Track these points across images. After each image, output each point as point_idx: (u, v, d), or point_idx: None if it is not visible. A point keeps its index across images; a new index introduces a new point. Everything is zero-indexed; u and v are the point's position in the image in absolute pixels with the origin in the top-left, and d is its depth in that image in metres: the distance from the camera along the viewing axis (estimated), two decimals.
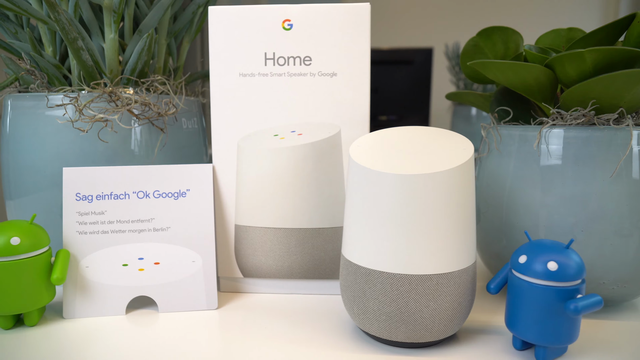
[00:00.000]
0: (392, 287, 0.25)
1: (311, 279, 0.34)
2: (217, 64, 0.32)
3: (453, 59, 1.42)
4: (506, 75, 0.29)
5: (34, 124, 0.33)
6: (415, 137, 0.28)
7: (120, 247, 0.31)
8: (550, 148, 0.29)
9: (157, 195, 0.32)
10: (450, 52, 1.43)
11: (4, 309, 0.28)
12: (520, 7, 2.13)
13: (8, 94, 0.36)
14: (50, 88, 0.34)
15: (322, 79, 0.31)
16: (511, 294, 0.25)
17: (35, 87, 0.33)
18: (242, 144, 0.32)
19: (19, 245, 0.27)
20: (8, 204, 0.36)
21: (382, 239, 0.25)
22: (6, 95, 0.35)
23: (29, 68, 0.33)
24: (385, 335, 0.26)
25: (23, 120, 0.33)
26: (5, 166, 0.35)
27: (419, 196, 0.24)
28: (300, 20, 0.31)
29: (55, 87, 0.34)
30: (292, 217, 0.33)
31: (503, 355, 0.25)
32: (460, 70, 1.40)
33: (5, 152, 0.35)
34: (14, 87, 0.37)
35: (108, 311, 0.30)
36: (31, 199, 0.34)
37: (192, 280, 0.31)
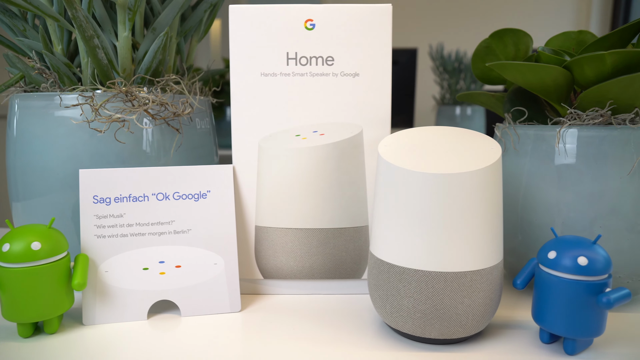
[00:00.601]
0: (428, 285, 0.25)
1: (332, 279, 0.34)
2: (238, 64, 0.31)
3: (437, 59, 1.44)
4: (525, 76, 0.30)
5: (45, 125, 0.32)
6: (440, 136, 0.28)
7: (140, 250, 0.30)
8: (568, 147, 0.30)
9: (177, 196, 0.31)
10: (434, 53, 1.45)
11: (24, 316, 0.27)
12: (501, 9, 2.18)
13: (13, 93, 0.35)
14: (62, 87, 0.33)
15: (345, 79, 0.31)
16: (539, 288, 0.26)
17: (48, 86, 0.32)
18: (263, 144, 0.32)
19: (39, 250, 0.26)
20: (14, 206, 0.35)
21: (416, 238, 0.25)
22: (12, 95, 0.34)
23: (39, 66, 0.32)
24: (419, 333, 0.26)
25: (33, 120, 0.32)
26: (12, 167, 0.34)
27: (453, 195, 0.24)
28: (322, 20, 0.31)
29: (66, 86, 0.33)
30: (313, 218, 0.33)
31: (531, 349, 0.26)
32: (445, 70, 1.43)
33: (11, 153, 0.34)
34: (19, 87, 0.36)
35: (129, 317, 0.30)
36: (40, 201, 0.33)
37: (215, 283, 0.31)
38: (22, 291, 0.26)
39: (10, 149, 0.34)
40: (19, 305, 0.26)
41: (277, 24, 0.31)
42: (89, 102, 0.30)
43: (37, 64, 0.33)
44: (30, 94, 0.33)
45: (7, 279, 0.26)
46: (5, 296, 0.26)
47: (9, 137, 0.35)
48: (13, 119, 0.34)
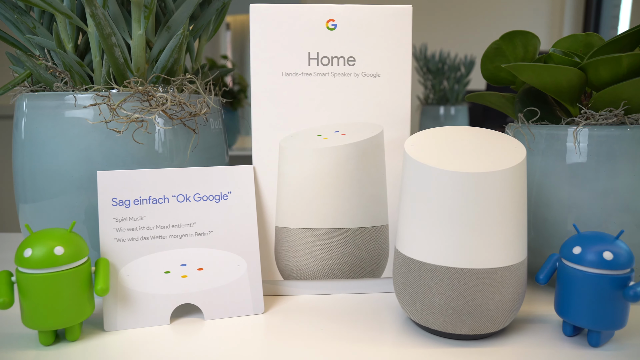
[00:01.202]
0: (460, 282, 0.25)
1: (352, 279, 0.34)
2: (259, 63, 0.31)
3: (421, 59, 1.46)
4: (541, 77, 0.31)
5: (58, 125, 0.31)
6: (464, 136, 0.29)
7: (161, 253, 0.30)
8: (581, 146, 0.31)
9: (198, 198, 0.31)
10: (417, 53, 1.47)
11: (46, 324, 0.26)
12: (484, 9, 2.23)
13: (20, 93, 0.33)
14: (76, 87, 0.32)
15: (366, 79, 0.31)
16: (563, 283, 0.27)
17: (61, 85, 0.31)
18: (284, 144, 0.32)
19: (62, 255, 0.25)
20: (22, 208, 0.34)
21: (448, 236, 0.25)
22: (20, 95, 0.33)
23: (50, 65, 0.31)
24: (449, 329, 0.26)
25: (44, 121, 0.31)
26: (20, 169, 0.33)
27: (485, 193, 0.25)
28: (344, 20, 0.31)
29: (79, 85, 0.32)
30: (334, 218, 0.33)
31: (555, 342, 0.27)
32: (428, 71, 1.45)
33: (19, 154, 0.33)
34: (24, 86, 0.34)
35: (151, 321, 0.29)
36: (50, 203, 0.32)
37: (238, 285, 0.31)
38: (44, 298, 0.25)
39: (18, 150, 0.33)
40: (40, 312, 0.25)
41: (299, 24, 0.31)
42: (106, 101, 0.30)
43: (49, 62, 0.31)
44: (40, 93, 0.32)
45: (28, 285, 0.25)
46: (27, 303, 0.25)
47: (16, 138, 0.33)
48: (21, 120, 0.33)
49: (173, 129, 0.33)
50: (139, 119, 0.30)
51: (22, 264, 0.25)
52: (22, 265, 0.25)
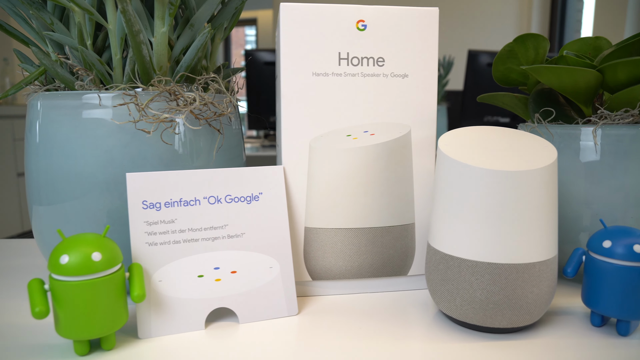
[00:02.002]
0: (501, 277, 0.26)
1: (379, 277, 0.34)
2: (289, 63, 0.31)
3: None
4: (561, 78, 0.32)
5: (79, 126, 0.29)
6: (493, 136, 0.30)
7: (194, 257, 0.29)
8: (599, 144, 0.32)
9: (229, 199, 0.30)
10: None
11: (83, 333, 0.24)
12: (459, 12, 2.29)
13: (32, 93, 0.32)
14: (100, 86, 0.30)
15: (394, 80, 0.32)
16: (592, 275, 0.28)
17: (85, 84, 0.30)
18: (314, 145, 0.32)
19: (99, 261, 0.24)
20: (35, 210, 0.32)
21: (489, 232, 0.26)
22: (34, 95, 0.31)
23: (71, 63, 0.30)
24: (489, 323, 0.27)
25: (64, 121, 0.30)
26: (34, 171, 0.31)
27: (524, 190, 0.25)
28: (374, 21, 0.31)
29: (102, 84, 0.31)
30: (363, 217, 0.33)
31: (585, 332, 0.28)
32: None
33: (33, 155, 0.31)
34: (36, 86, 0.33)
35: (186, 327, 0.28)
36: (72, 205, 0.30)
37: (271, 287, 0.30)
38: (81, 306, 0.24)
39: (32, 151, 0.31)
40: (77, 321, 0.24)
41: (329, 24, 0.31)
42: (134, 101, 0.29)
43: (69, 60, 0.30)
44: (58, 92, 0.30)
45: (64, 293, 0.24)
46: (62, 312, 0.24)
47: (29, 140, 0.32)
48: (35, 121, 0.31)
49: (194, 130, 0.32)
50: (168, 119, 0.29)
51: (58, 271, 0.24)
52: (58, 273, 0.24)
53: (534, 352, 0.26)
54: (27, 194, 0.33)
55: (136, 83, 0.30)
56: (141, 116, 0.29)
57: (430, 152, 0.33)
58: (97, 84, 0.31)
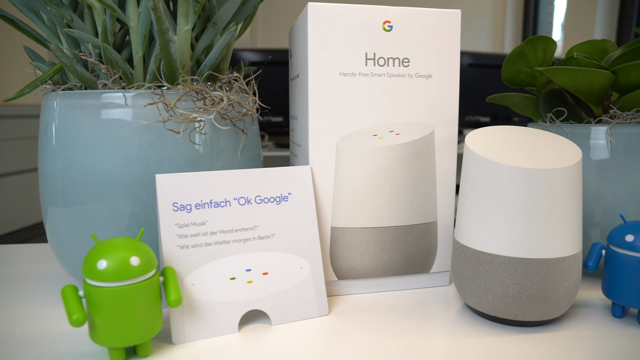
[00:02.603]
0: (533, 272, 0.27)
1: (402, 275, 0.34)
2: (317, 63, 0.31)
3: None
4: (576, 79, 0.33)
5: (106, 126, 0.28)
6: (516, 135, 0.30)
7: (225, 259, 0.29)
8: (606, 143, 0.34)
9: (259, 200, 0.30)
10: None
11: (121, 340, 0.24)
12: None
13: (50, 92, 0.30)
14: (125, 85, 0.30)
15: (419, 80, 0.32)
16: (613, 268, 0.29)
17: (110, 83, 0.29)
18: (341, 145, 0.32)
19: (138, 266, 0.24)
20: (51, 211, 0.31)
21: (522, 229, 0.27)
22: (48, 95, 0.30)
23: (93, 61, 0.29)
24: (520, 317, 0.28)
25: (85, 121, 0.29)
26: (50, 172, 0.30)
27: (555, 188, 0.26)
28: (400, 22, 0.31)
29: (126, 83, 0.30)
30: (388, 216, 0.33)
31: (607, 322, 0.29)
32: None
33: (48, 156, 0.30)
34: (49, 85, 0.32)
35: (220, 331, 0.28)
36: (91, 208, 0.30)
37: (302, 288, 0.30)
38: (119, 313, 0.23)
39: (47, 152, 0.30)
40: (115, 328, 0.23)
41: (356, 24, 0.31)
42: (162, 100, 0.28)
43: (92, 57, 0.29)
44: (78, 92, 0.29)
45: (102, 300, 0.23)
46: (99, 319, 0.23)
47: (45, 140, 0.30)
48: (51, 122, 0.30)
49: (215, 130, 0.32)
50: (197, 119, 0.29)
51: (95, 276, 0.23)
52: (95, 278, 0.23)
53: (563, 343, 0.27)
54: (42, 195, 0.32)
55: (162, 82, 0.29)
56: (169, 116, 0.28)
57: (451, 151, 0.34)
58: (118, 83, 0.30)
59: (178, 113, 0.28)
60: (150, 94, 0.28)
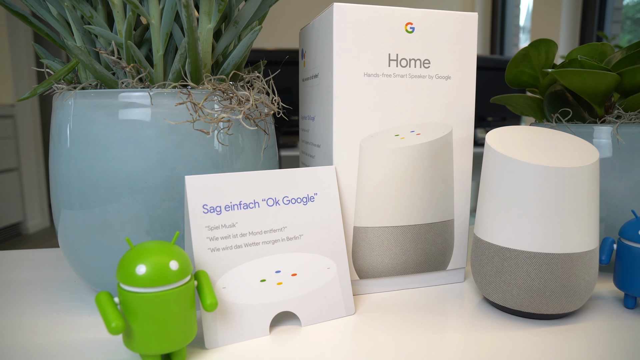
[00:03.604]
0: (557, 266, 0.28)
1: (421, 273, 0.35)
2: (342, 63, 0.31)
3: None
4: (584, 81, 0.35)
5: (130, 126, 0.27)
6: (534, 135, 0.32)
7: (255, 261, 0.28)
8: (612, 141, 0.36)
9: (287, 201, 0.30)
10: None
11: (160, 347, 0.23)
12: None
13: (66, 91, 0.29)
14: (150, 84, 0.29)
15: (438, 81, 0.33)
16: (626, 261, 0.31)
17: (134, 82, 0.28)
18: (365, 145, 0.32)
19: (177, 270, 0.23)
20: (65, 214, 0.29)
21: (546, 225, 0.28)
22: (71, 94, 0.28)
23: (115, 59, 0.28)
24: (544, 310, 0.29)
25: (106, 121, 0.28)
26: (64, 173, 0.29)
27: (578, 185, 0.28)
28: (421, 24, 0.32)
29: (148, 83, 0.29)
30: (408, 215, 0.34)
31: (620, 314, 0.31)
32: None
33: (63, 158, 0.29)
34: (61, 84, 0.30)
35: (251, 334, 0.27)
36: (111, 209, 0.28)
37: (329, 288, 0.30)
38: (158, 319, 0.23)
39: (62, 153, 0.29)
40: (153, 334, 0.23)
41: (380, 25, 0.31)
42: (190, 100, 0.27)
43: (114, 55, 0.28)
44: (98, 91, 0.28)
45: (141, 306, 0.22)
46: (137, 326, 0.23)
47: (58, 140, 0.29)
48: (65, 122, 0.28)
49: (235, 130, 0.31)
50: (225, 119, 0.28)
51: (134, 282, 0.22)
52: (134, 284, 0.22)
53: (582, 334, 0.28)
54: (54, 197, 0.30)
55: (187, 81, 0.29)
56: (198, 116, 0.27)
57: (467, 151, 0.35)
58: (143, 83, 0.29)
59: (206, 113, 0.28)
60: (179, 94, 0.27)
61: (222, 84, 0.29)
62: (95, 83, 0.30)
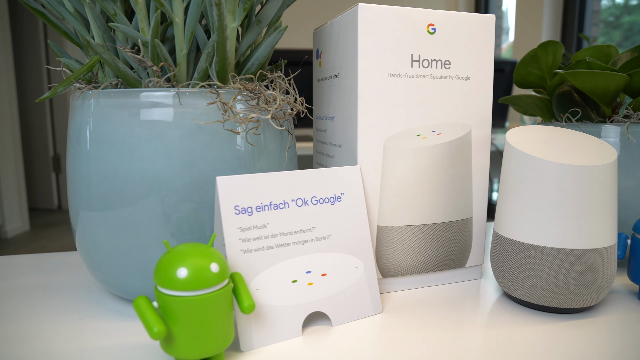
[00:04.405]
0: (581, 261, 0.29)
1: (440, 271, 0.35)
2: (367, 63, 0.31)
3: None
4: (596, 82, 0.36)
5: (153, 127, 0.27)
6: (552, 135, 0.32)
7: (287, 262, 0.28)
8: (620, 140, 0.37)
9: (315, 201, 0.30)
10: None
11: (201, 351, 0.23)
12: None
13: (85, 91, 0.28)
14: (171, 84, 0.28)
15: (458, 82, 0.33)
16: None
17: (162, 82, 0.27)
18: (389, 144, 0.32)
19: (218, 273, 0.23)
20: (85, 216, 0.29)
21: (570, 221, 0.28)
22: (92, 94, 0.28)
23: (141, 57, 0.27)
24: (567, 304, 0.30)
25: (132, 122, 0.27)
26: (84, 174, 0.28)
27: (599, 183, 0.28)
28: (442, 25, 0.32)
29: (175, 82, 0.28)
30: (429, 213, 0.34)
31: (635, 306, 0.32)
32: None
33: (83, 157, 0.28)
34: (80, 84, 0.29)
35: (285, 335, 0.27)
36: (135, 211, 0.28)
37: (358, 287, 0.30)
38: (199, 323, 0.22)
39: (82, 154, 0.28)
40: (194, 339, 0.22)
41: (403, 26, 0.31)
42: (220, 99, 0.27)
43: (139, 54, 0.27)
44: (122, 90, 0.27)
45: (182, 310, 0.22)
46: (178, 330, 0.22)
47: (76, 142, 0.28)
48: (87, 123, 0.28)
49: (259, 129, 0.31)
50: (254, 119, 0.28)
51: (174, 286, 0.22)
52: (174, 288, 0.22)
53: (603, 327, 0.29)
54: (72, 199, 0.30)
55: (214, 81, 0.28)
56: (227, 116, 0.27)
57: (485, 150, 0.35)
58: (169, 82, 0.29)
59: (235, 113, 0.27)
60: (208, 93, 0.27)
61: (249, 83, 0.28)
62: (115, 82, 0.30)
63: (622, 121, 0.38)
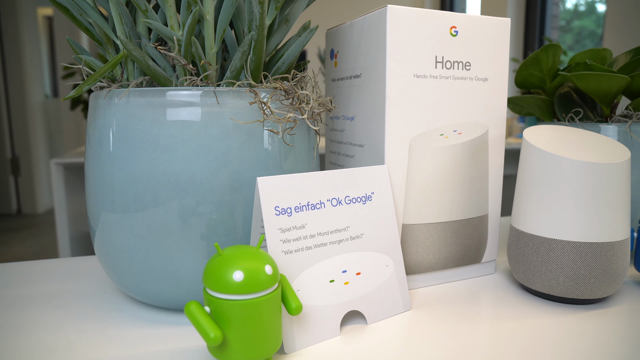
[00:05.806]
0: (601, 254, 0.30)
1: (458, 267, 0.36)
2: (394, 64, 0.31)
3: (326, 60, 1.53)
4: (599, 83, 0.38)
5: (188, 127, 0.26)
6: (567, 134, 0.34)
7: (324, 262, 0.28)
8: (621, 138, 0.39)
9: (349, 201, 0.30)
10: (323, 54, 1.54)
11: (256, 355, 0.22)
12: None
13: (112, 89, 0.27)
14: (215, 83, 0.27)
15: (477, 83, 0.34)
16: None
17: (198, 81, 0.26)
18: (414, 144, 0.33)
19: (271, 275, 0.23)
20: (105, 217, 0.28)
21: (592, 216, 0.30)
22: (122, 92, 0.27)
23: (174, 56, 0.26)
24: (587, 295, 0.31)
25: (165, 122, 0.26)
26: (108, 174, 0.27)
27: (617, 179, 0.30)
28: (464, 27, 0.33)
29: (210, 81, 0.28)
30: (450, 211, 0.35)
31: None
32: None
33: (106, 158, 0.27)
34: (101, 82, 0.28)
35: (325, 335, 0.27)
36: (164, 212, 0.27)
37: (389, 285, 0.31)
38: (254, 326, 0.22)
39: (104, 154, 0.27)
40: (248, 343, 0.22)
41: (428, 28, 0.32)
42: (258, 99, 0.26)
43: (173, 52, 0.26)
44: (153, 89, 0.26)
45: (237, 314, 0.22)
46: (232, 334, 0.22)
47: (98, 142, 0.27)
48: (111, 122, 0.27)
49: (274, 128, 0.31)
50: (292, 119, 0.28)
51: (229, 289, 0.21)
52: (229, 291, 0.21)
53: (620, 315, 0.31)
54: (91, 200, 0.29)
55: (249, 80, 0.28)
56: (266, 115, 0.27)
57: (500, 148, 0.37)
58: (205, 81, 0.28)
59: (274, 112, 0.27)
60: (247, 93, 0.26)
61: (283, 83, 0.28)
62: (140, 81, 0.29)
63: (622, 120, 0.40)
